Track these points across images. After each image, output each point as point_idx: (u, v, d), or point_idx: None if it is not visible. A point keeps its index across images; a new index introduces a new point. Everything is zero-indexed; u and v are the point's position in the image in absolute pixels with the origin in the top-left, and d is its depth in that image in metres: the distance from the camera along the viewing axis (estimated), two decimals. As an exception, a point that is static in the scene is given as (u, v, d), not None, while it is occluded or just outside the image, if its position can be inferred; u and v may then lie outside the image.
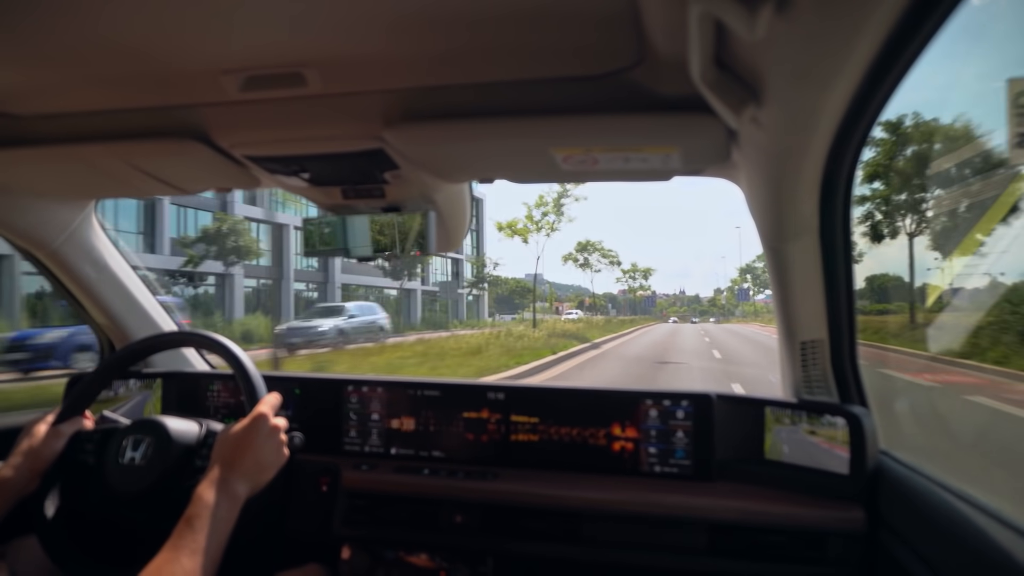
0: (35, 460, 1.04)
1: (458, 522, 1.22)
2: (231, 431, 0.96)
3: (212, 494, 0.85)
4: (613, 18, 0.68)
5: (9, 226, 1.36)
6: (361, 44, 0.76)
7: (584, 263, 41.23)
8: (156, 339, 1.21)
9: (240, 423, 0.96)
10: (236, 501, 0.88)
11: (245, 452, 0.92)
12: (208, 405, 1.53)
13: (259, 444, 0.94)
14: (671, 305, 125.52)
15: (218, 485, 0.86)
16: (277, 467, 0.97)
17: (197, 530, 0.80)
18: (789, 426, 1.18)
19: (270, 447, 0.96)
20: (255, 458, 0.93)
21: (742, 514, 1.10)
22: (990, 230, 8.25)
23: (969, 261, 8.65)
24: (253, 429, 0.95)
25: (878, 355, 9.56)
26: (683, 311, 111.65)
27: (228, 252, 20.11)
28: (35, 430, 1.07)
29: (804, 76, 0.62)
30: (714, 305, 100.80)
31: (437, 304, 35.63)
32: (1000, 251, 7.88)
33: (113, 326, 1.61)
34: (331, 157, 1.04)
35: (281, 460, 0.98)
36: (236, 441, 0.93)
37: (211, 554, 0.80)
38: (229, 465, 0.90)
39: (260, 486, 0.94)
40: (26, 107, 0.97)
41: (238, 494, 0.88)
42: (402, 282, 30.70)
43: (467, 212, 1.37)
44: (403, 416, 1.40)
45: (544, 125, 0.91)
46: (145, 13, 0.69)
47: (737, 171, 1.05)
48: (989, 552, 0.74)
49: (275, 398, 1.02)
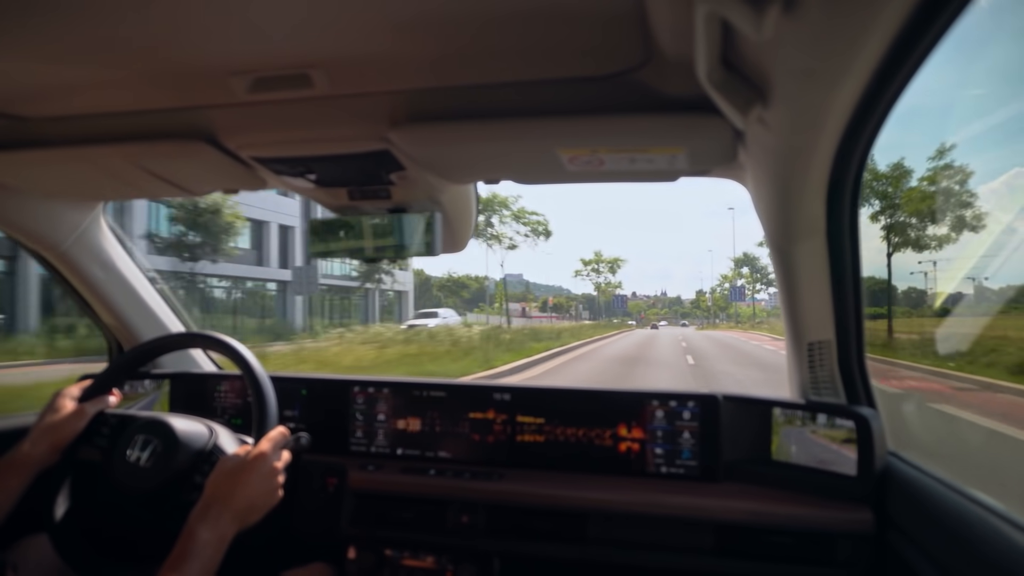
0: (56, 436, 1.05)
1: (464, 522, 1.22)
2: (230, 464, 0.95)
3: (203, 531, 0.87)
4: (619, 18, 0.68)
5: (19, 228, 1.38)
6: (368, 45, 0.76)
7: (492, 237, 28.39)
8: (167, 340, 1.22)
9: (240, 458, 0.96)
10: (223, 541, 0.89)
11: (240, 491, 0.92)
12: (215, 406, 1.53)
13: (254, 484, 0.94)
14: (650, 307, 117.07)
15: (209, 522, 0.88)
16: (267, 509, 0.97)
17: (186, 572, 0.82)
18: (796, 427, 1.18)
19: (264, 489, 0.96)
20: (248, 498, 0.93)
21: (749, 515, 1.10)
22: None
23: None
24: (252, 468, 0.95)
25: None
26: (664, 313, 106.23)
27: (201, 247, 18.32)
28: (60, 404, 1.08)
29: (811, 76, 0.62)
30: (697, 307, 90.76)
31: (329, 301, 29.03)
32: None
33: (121, 327, 1.62)
34: (337, 158, 1.04)
35: (273, 502, 0.98)
36: (233, 478, 0.94)
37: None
38: (221, 502, 0.91)
39: (248, 525, 0.94)
40: (35, 109, 0.98)
41: (225, 535, 0.89)
42: (363, 282, 28.58)
43: (473, 213, 1.37)
44: (409, 417, 1.40)
45: (550, 126, 0.91)
46: (154, 15, 0.70)
47: (744, 172, 1.05)
48: (998, 554, 0.73)
49: (279, 435, 1.01)
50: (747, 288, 59.90)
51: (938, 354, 7.54)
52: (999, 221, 9.38)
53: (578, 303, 74.88)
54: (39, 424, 1.06)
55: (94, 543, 1.01)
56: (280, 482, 0.99)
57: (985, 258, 8.17)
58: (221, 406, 1.53)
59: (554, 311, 69.13)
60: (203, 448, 1.03)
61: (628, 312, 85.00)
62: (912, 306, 17.59)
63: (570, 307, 72.42)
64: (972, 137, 27.39)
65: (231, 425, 1.14)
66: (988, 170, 41.71)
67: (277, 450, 0.99)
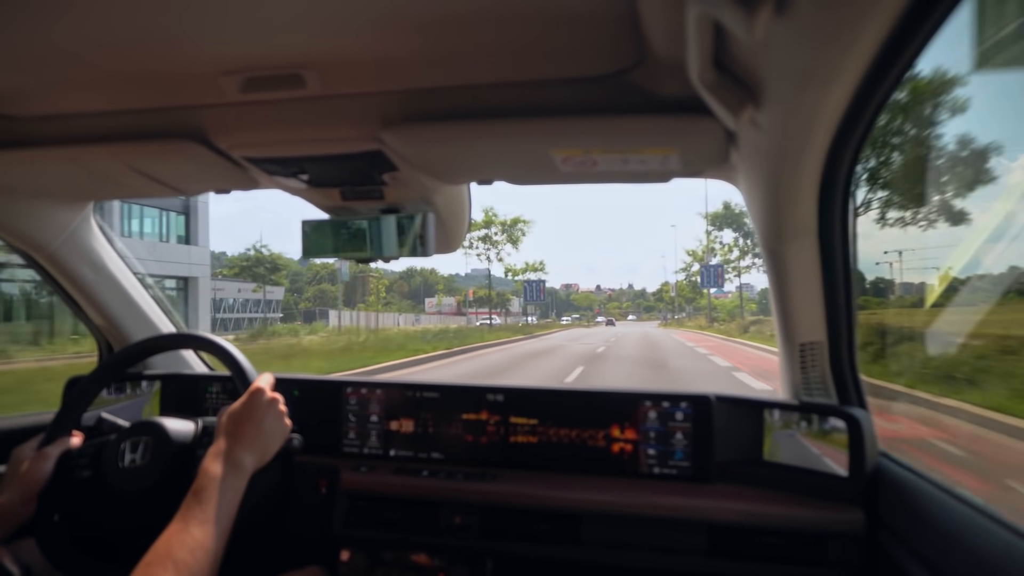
0: (26, 484, 1.02)
1: (457, 523, 1.22)
2: (232, 407, 0.96)
3: (218, 466, 0.85)
4: (612, 20, 0.69)
5: (7, 228, 1.36)
6: (360, 45, 0.76)
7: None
8: (154, 341, 1.20)
9: (239, 400, 0.97)
10: (243, 473, 0.88)
11: (248, 424, 0.93)
12: (207, 407, 1.53)
13: (260, 415, 0.94)
14: (608, 301, 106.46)
15: (224, 457, 0.87)
16: (282, 438, 0.98)
17: (205, 502, 0.80)
18: (788, 428, 1.18)
19: (271, 417, 0.96)
20: (258, 429, 0.93)
21: (741, 515, 1.10)
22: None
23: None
24: (252, 403, 0.95)
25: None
26: (626, 306, 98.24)
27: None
28: (19, 456, 1.06)
29: (803, 77, 0.62)
30: (660, 300, 75.06)
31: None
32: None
33: (111, 328, 1.61)
34: (330, 158, 1.04)
35: (285, 431, 0.98)
36: (239, 415, 0.94)
37: (220, 524, 0.80)
38: (234, 437, 0.90)
39: (266, 458, 0.94)
40: (24, 109, 0.97)
41: (244, 465, 0.88)
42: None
43: (466, 214, 1.37)
44: (402, 418, 1.39)
45: (543, 127, 0.91)
46: (144, 15, 0.69)
47: (736, 173, 1.05)
48: (988, 554, 0.74)
49: (268, 377, 1.02)
50: (728, 265, 33.18)
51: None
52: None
53: (516, 295, 56.10)
54: (6, 479, 1.04)
55: (88, 551, 1.00)
56: (283, 411, 0.99)
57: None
58: (212, 407, 1.52)
59: (475, 305, 54.76)
60: (194, 432, 1.03)
61: (572, 305, 74.28)
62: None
63: (508, 300, 55.38)
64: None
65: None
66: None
67: (270, 387, 0.99)
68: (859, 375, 1.16)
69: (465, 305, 59.97)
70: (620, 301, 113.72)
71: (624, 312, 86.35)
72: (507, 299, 55.54)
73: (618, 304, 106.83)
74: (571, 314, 69.30)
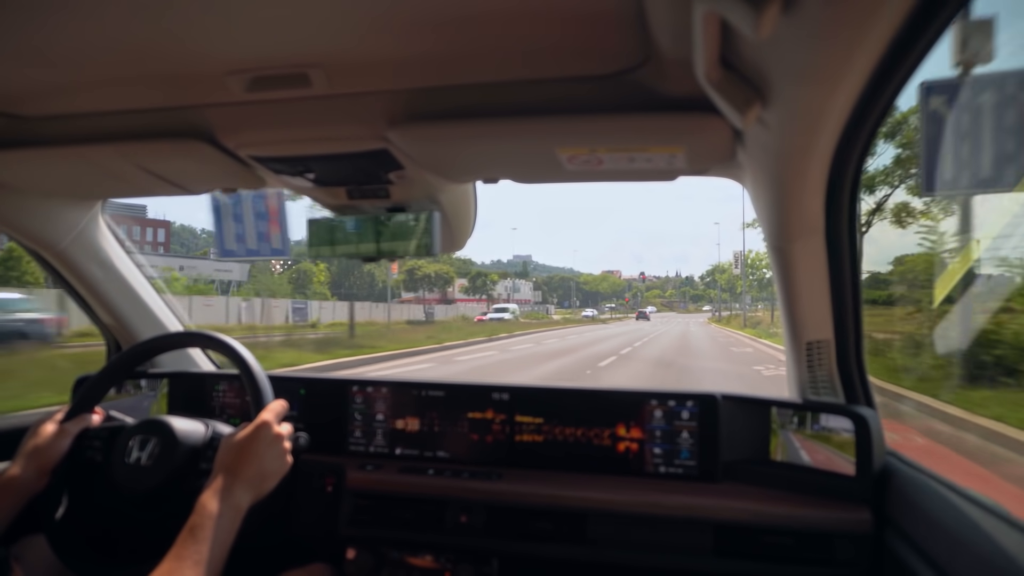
0: (42, 459, 1.04)
1: (463, 522, 1.22)
2: (234, 438, 0.96)
3: (215, 504, 0.85)
4: (618, 18, 0.68)
5: (18, 227, 1.38)
6: (366, 45, 0.76)
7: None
8: (162, 339, 1.21)
9: (244, 430, 0.97)
10: (239, 511, 0.88)
11: (248, 460, 0.93)
12: (214, 405, 1.53)
13: (262, 452, 0.94)
14: (648, 290, 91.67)
15: (221, 495, 0.87)
16: (280, 476, 0.97)
17: (200, 540, 0.81)
18: (795, 427, 1.18)
19: (272, 455, 0.96)
20: (258, 467, 0.93)
21: (748, 515, 1.10)
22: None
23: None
24: (256, 437, 0.95)
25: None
26: (669, 295, 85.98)
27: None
28: (41, 429, 1.08)
29: (810, 76, 0.62)
30: (712, 287, 63.69)
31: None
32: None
33: (119, 326, 1.62)
34: (336, 157, 1.04)
35: (284, 468, 0.98)
36: (239, 449, 0.94)
37: (214, 565, 0.81)
38: (232, 473, 0.90)
39: (263, 495, 0.94)
40: (33, 108, 0.97)
41: (240, 504, 0.89)
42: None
43: (472, 212, 1.37)
44: (408, 416, 1.40)
45: (549, 125, 0.91)
46: (152, 14, 0.69)
47: (742, 171, 1.05)
48: (997, 554, 0.73)
49: (280, 405, 1.02)
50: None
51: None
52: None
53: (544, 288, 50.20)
54: (23, 450, 1.05)
55: (94, 546, 1.01)
56: (287, 448, 0.99)
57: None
58: (220, 405, 1.53)
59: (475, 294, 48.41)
60: (202, 438, 1.03)
61: (584, 291, 59.90)
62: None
63: (494, 282, 51.50)
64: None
65: (230, 424, 1.14)
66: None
67: (278, 419, 0.99)
68: (866, 374, 1.15)
69: (472, 294, 54.66)
70: (661, 290, 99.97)
71: (668, 302, 72.82)
72: (492, 280, 52.26)
73: (656, 293, 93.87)
74: (606, 303, 59.72)
